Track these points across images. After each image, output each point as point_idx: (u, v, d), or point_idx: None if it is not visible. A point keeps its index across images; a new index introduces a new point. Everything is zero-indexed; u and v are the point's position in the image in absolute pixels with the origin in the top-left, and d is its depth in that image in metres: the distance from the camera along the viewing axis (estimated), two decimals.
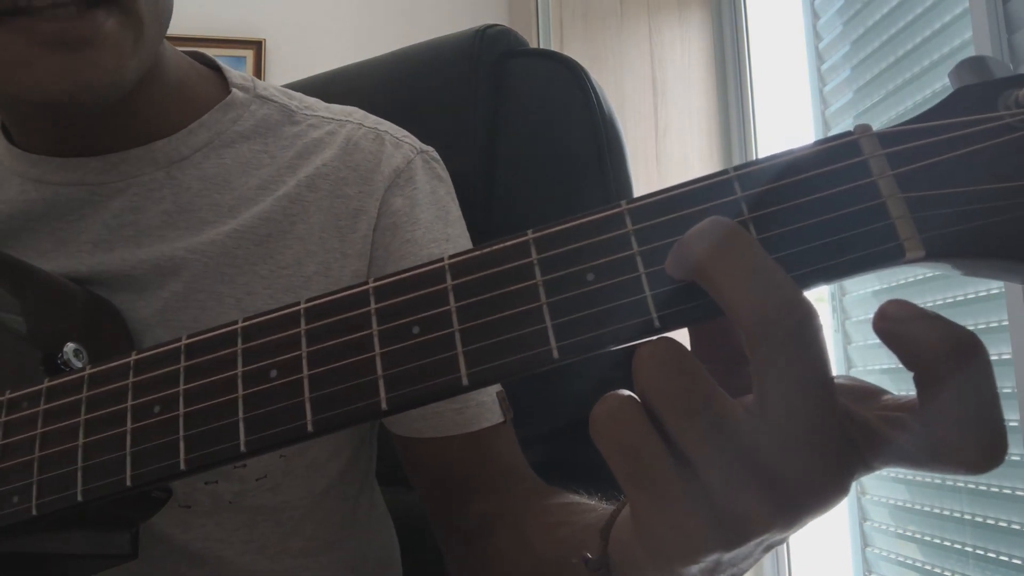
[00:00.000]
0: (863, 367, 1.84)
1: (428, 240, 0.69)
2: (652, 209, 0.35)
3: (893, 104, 1.72)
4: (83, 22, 0.56)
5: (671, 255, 0.33)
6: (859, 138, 0.33)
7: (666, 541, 0.33)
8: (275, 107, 0.73)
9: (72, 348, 0.54)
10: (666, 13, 2.41)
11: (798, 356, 0.30)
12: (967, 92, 0.32)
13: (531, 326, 0.35)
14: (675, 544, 0.32)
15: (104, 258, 0.65)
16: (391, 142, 0.72)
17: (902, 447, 0.31)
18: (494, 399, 0.68)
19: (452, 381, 0.36)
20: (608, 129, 0.87)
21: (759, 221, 0.33)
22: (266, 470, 0.65)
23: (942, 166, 0.31)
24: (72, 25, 0.55)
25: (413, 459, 0.70)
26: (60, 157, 0.66)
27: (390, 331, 0.37)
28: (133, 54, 0.59)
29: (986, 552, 1.45)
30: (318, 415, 0.38)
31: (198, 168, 0.68)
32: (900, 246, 0.31)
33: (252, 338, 0.41)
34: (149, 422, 0.42)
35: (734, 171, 0.34)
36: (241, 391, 0.40)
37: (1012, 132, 0.30)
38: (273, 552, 0.69)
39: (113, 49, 0.57)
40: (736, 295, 0.30)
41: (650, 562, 0.35)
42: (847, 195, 0.32)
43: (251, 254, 0.66)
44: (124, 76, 0.59)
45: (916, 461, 0.31)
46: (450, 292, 0.37)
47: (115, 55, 0.57)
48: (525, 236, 0.36)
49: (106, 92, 0.58)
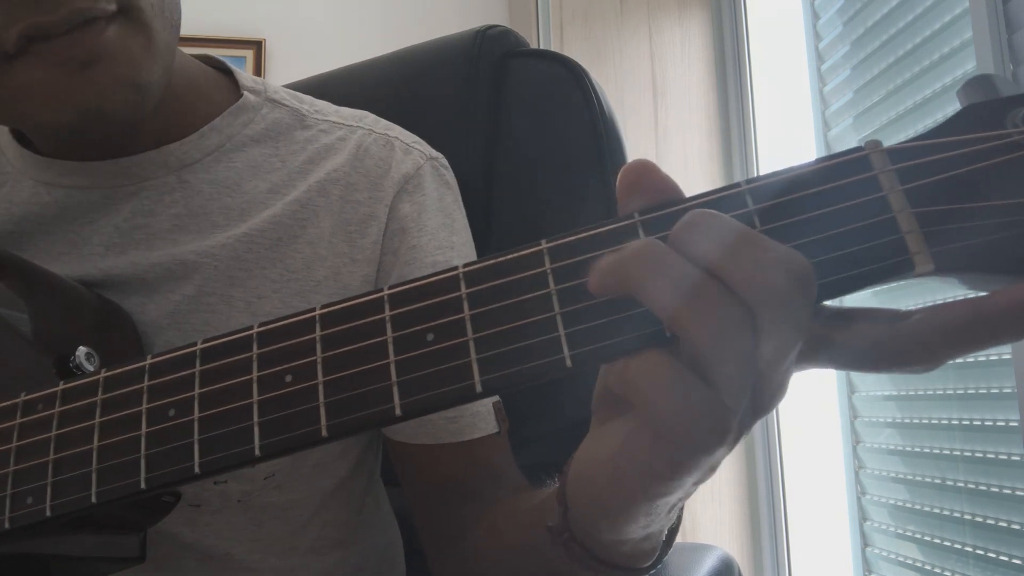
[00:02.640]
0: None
1: (433, 247, 0.69)
2: (664, 221, 0.35)
3: (893, 104, 1.73)
4: (84, 35, 0.55)
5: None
6: (869, 154, 0.33)
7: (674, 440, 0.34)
8: (286, 111, 0.73)
9: (84, 352, 0.55)
10: (666, 13, 2.41)
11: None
12: (975, 110, 0.33)
13: (545, 335, 0.35)
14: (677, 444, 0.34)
15: (116, 261, 0.65)
16: (401, 148, 0.73)
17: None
18: (489, 410, 0.68)
19: (466, 388, 0.36)
20: (608, 129, 0.87)
21: (770, 234, 0.34)
22: (274, 469, 0.66)
23: (951, 182, 0.32)
24: (78, 40, 0.55)
25: (406, 464, 0.71)
26: (72, 160, 0.66)
27: (405, 338, 0.38)
28: (147, 59, 0.58)
29: (986, 552, 1.46)
30: (332, 420, 0.39)
31: (209, 172, 0.68)
32: (910, 260, 0.32)
33: (268, 343, 0.41)
34: (164, 426, 0.42)
35: (746, 184, 0.35)
36: (256, 396, 0.40)
37: (1020, 150, 0.31)
38: (280, 550, 0.69)
39: (123, 57, 0.57)
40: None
41: (619, 493, 0.37)
42: (857, 210, 0.33)
43: (261, 258, 0.66)
44: (142, 81, 0.58)
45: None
46: (464, 300, 0.37)
47: (127, 63, 0.57)
48: (539, 246, 0.37)
49: (129, 101, 0.58)
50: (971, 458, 1.50)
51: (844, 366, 0.36)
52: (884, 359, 0.35)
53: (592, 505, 0.40)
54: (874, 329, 0.35)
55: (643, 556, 0.45)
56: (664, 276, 0.33)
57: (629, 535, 0.40)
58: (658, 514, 0.38)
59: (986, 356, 1.47)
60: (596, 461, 0.39)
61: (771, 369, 0.34)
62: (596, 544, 0.44)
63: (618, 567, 0.45)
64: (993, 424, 1.46)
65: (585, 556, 0.44)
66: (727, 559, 0.83)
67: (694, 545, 0.87)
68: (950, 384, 1.56)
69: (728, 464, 2.20)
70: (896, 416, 1.73)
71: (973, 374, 1.50)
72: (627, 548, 0.43)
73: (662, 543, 0.45)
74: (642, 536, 0.41)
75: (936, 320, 0.33)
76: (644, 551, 0.44)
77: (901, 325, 0.34)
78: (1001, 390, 1.43)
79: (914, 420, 1.67)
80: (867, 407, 1.85)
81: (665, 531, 0.44)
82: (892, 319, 0.34)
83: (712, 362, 0.33)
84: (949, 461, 1.55)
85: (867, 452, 1.83)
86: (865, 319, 0.35)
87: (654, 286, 0.33)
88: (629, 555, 0.44)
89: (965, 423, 1.52)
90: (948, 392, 1.57)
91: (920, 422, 1.65)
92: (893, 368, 0.35)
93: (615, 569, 0.45)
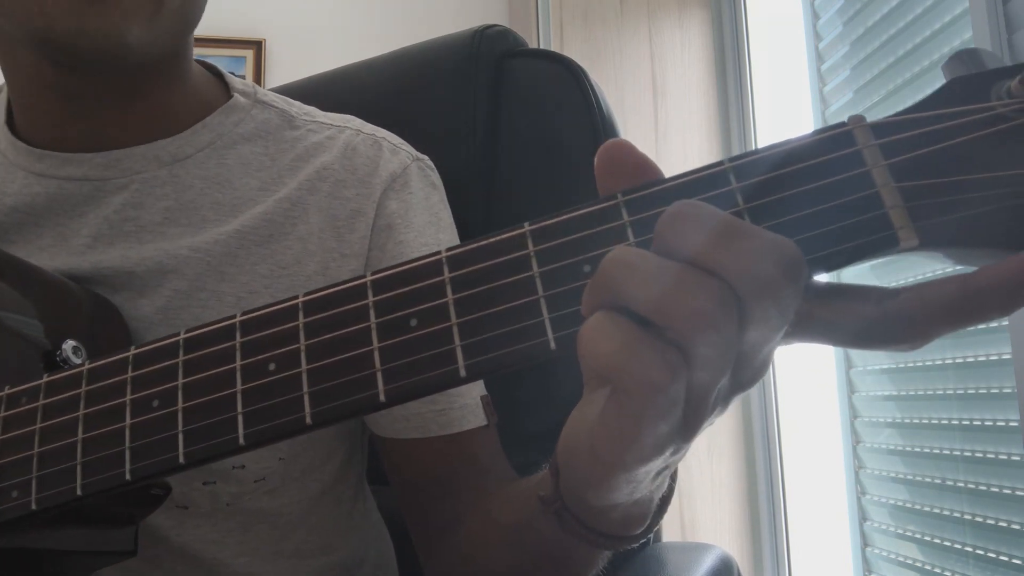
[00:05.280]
0: (862, 366, 1.85)
1: (419, 244, 0.70)
2: (647, 201, 0.35)
3: (893, 104, 1.72)
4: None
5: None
6: (853, 128, 0.33)
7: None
8: (275, 112, 0.75)
9: (71, 346, 0.54)
10: (666, 13, 2.41)
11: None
12: (960, 83, 0.32)
13: (529, 318, 0.35)
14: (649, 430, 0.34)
15: (105, 254, 0.65)
16: (388, 148, 0.74)
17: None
18: (478, 403, 0.69)
19: (450, 373, 0.36)
20: (608, 129, 0.87)
21: (754, 212, 0.33)
22: (264, 472, 0.66)
23: (935, 156, 0.31)
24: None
25: (394, 460, 0.71)
26: (64, 152, 0.67)
27: (388, 324, 0.38)
28: (141, 23, 0.60)
29: (986, 552, 1.45)
30: (317, 408, 0.38)
31: (201, 167, 0.69)
32: (894, 235, 0.32)
33: (251, 332, 0.41)
34: (148, 416, 0.42)
35: (729, 162, 0.34)
36: (240, 385, 0.40)
37: (1004, 122, 0.31)
38: (266, 554, 0.70)
39: (128, 8, 0.59)
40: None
41: (597, 461, 0.37)
42: (841, 185, 0.32)
43: (252, 254, 0.67)
44: (124, 38, 0.59)
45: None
46: (447, 284, 0.37)
47: (123, 15, 0.59)
48: (522, 228, 0.37)
49: (101, 45, 0.59)
50: (971, 458, 1.50)
51: (832, 342, 0.36)
52: (873, 336, 0.35)
53: (578, 473, 0.40)
54: (863, 306, 0.34)
55: (634, 522, 0.45)
56: (639, 275, 0.33)
57: (616, 500, 0.39)
58: (640, 481, 0.38)
59: (986, 356, 1.47)
60: (579, 430, 0.39)
61: (755, 351, 0.34)
62: (587, 511, 0.44)
63: (611, 536, 0.45)
64: (993, 424, 1.45)
65: (577, 526, 0.45)
66: (727, 559, 0.83)
67: (694, 545, 0.86)
68: (950, 384, 1.55)
69: (728, 464, 2.19)
70: (896, 416, 1.73)
71: (973, 374, 1.50)
72: (617, 514, 0.43)
73: (654, 511, 0.45)
74: (630, 502, 0.41)
75: (925, 297, 0.33)
76: (635, 516, 0.44)
77: (890, 303, 0.34)
78: (1001, 390, 1.43)
79: (914, 420, 1.67)
80: (867, 407, 1.84)
81: (656, 499, 0.44)
82: (881, 297, 0.34)
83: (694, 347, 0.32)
84: (949, 461, 1.55)
85: (867, 452, 1.83)
86: (854, 296, 0.35)
87: (632, 286, 0.33)
88: (620, 521, 0.44)
89: (965, 423, 1.51)
90: (948, 392, 1.56)
91: (920, 422, 1.65)
92: (883, 345, 0.35)
93: (608, 538, 0.45)
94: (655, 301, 0.32)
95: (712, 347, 0.32)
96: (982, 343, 1.46)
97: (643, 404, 0.33)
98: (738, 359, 0.34)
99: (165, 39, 0.63)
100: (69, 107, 0.66)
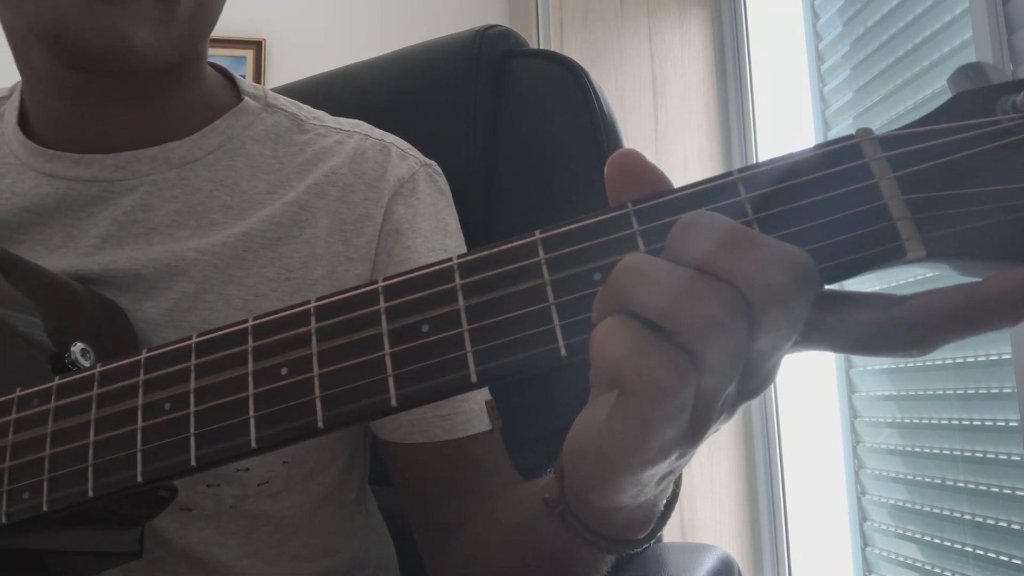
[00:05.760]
0: (862, 366, 1.85)
1: (426, 249, 0.70)
2: (657, 211, 0.35)
3: (893, 104, 1.73)
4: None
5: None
6: (860, 141, 0.34)
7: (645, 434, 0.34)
8: (285, 116, 0.75)
9: (80, 348, 0.54)
10: (666, 13, 2.41)
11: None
12: (965, 97, 0.33)
13: (540, 325, 0.36)
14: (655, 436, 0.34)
15: (114, 255, 0.65)
16: (397, 154, 0.74)
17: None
18: (482, 407, 0.69)
19: (461, 378, 0.36)
20: (608, 129, 0.87)
21: (763, 222, 0.34)
22: (268, 476, 0.66)
23: (942, 169, 0.32)
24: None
25: (399, 464, 0.71)
26: (75, 153, 0.67)
27: (399, 329, 0.38)
28: (149, 27, 0.60)
29: (986, 552, 1.45)
30: (328, 412, 0.39)
31: (210, 170, 0.69)
32: (901, 246, 0.32)
33: (262, 336, 0.41)
34: (160, 420, 0.42)
35: (738, 173, 0.35)
36: (252, 389, 0.40)
37: (1010, 136, 0.31)
38: (268, 557, 0.70)
39: (137, 12, 0.59)
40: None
41: (602, 463, 0.37)
42: (849, 197, 0.33)
43: (260, 257, 0.67)
44: (130, 41, 0.60)
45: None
46: (459, 291, 0.37)
47: (131, 17, 0.59)
48: (533, 236, 0.37)
49: (106, 45, 0.59)
50: (971, 458, 1.50)
51: (839, 349, 0.37)
52: (880, 343, 0.35)
53: (583, 475, 0.41)
54: (870, 314, 0.35)
55: (638, 526, 0.45)
56: (650, 280, 0.33)
57: (620, 503, 0.40)
58: (645, 485, 0.39)
59: (986, 356, 1.47)
60: (586, 432, 0.39)
61: (763, 359, 0.34)
62: (590, 513, 0.44)
63: (614, 539, 0.45)
64: (993, 424, 1.46)
65: (580, 528, 0.45)
66: (727, 559, 0.83)
67: (694, 545, 0.86)
68: (950, 384, 1.56)
69: (728, 464, 2.20)
70: (896, 416, 1.73)
71: (973, 374, 1.50)
72: (621, 517, 0.44)
73: (658, 515, 0.45)
74: (634, 505, 0.41)
75: (931, 305, 0.33)
76: (638, 520, 0.44)
77: (897, 310, 0.34)
78: (1001, 390, 1.43)
79: (914, 420, 1.67)
80: (867, 407, 1.85)
81: (660, 502, 0.45)
82: (888, 304, 0.35)
83: (703, 352, 0.33)
84: (949, 461, 1.55)
85: (867, 452, 1.83)
86: (861, 304, 0.35)
87: (643, 291, 0.33)
88: (623, 524, 0.44)
89: (965, 423, 1.52)
90: (948, 392, 1.56)
91: (920, 422, 1.65)
92: (889, 352, 0.35)
93: (611, 541, 0.45)
94: (666, 306, 0.33)
95: (721, 353, 0.32)
96: (982, 343, 1.47)
97: (651, 407, 0.33)
98: (746, 367, 0.34)
99: (174, 47, 0.63)
100: (80, 108, 0.66)
